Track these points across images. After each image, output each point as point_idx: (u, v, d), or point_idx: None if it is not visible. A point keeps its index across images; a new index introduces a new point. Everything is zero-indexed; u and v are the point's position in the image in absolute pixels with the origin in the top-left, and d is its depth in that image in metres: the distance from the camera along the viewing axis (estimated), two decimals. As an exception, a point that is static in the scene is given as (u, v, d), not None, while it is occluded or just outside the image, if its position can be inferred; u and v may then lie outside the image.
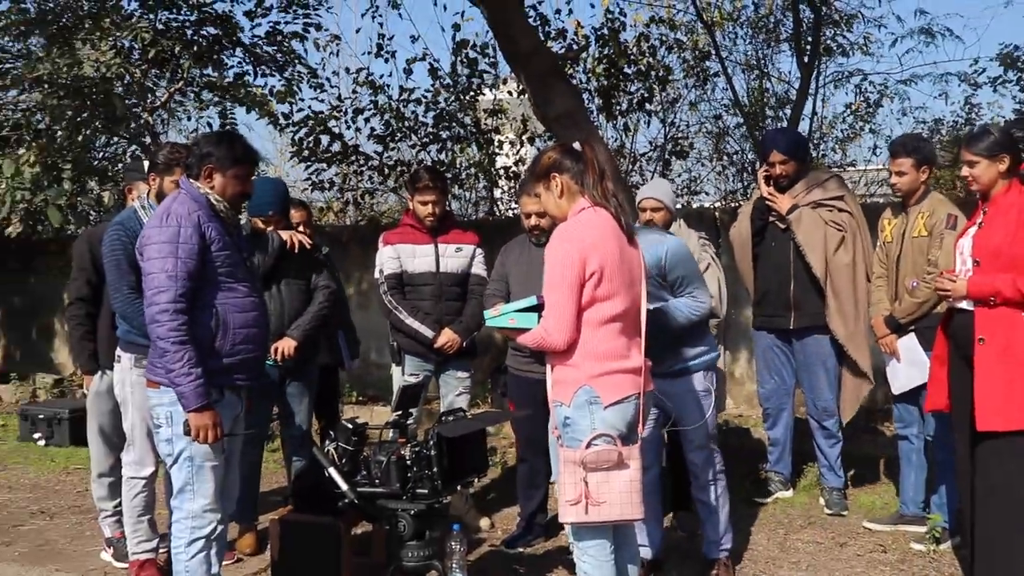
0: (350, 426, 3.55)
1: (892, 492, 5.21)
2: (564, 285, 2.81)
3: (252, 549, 4.41)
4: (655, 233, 3.86)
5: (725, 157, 9.76)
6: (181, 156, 3.85)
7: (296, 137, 8.49)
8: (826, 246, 4.77)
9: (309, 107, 8.56)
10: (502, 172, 9.07)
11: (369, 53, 8.70)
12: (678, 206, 4.98)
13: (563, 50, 8.03)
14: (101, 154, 8.64)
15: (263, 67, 8.46)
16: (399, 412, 3.53)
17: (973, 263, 3.62)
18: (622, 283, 2.88)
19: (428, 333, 4.52)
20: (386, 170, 8.74)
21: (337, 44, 8.88)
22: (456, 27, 8.36)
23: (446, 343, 4.51)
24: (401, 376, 4.63)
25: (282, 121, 8.48)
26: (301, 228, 4.89)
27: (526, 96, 8.79)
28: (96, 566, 4.34)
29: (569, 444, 2.88)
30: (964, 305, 3.65)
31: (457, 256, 4.67)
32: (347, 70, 8.74)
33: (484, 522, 4.77)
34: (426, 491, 3.32)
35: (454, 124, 8.77)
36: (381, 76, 8.81)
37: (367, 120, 8.70)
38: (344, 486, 3.40)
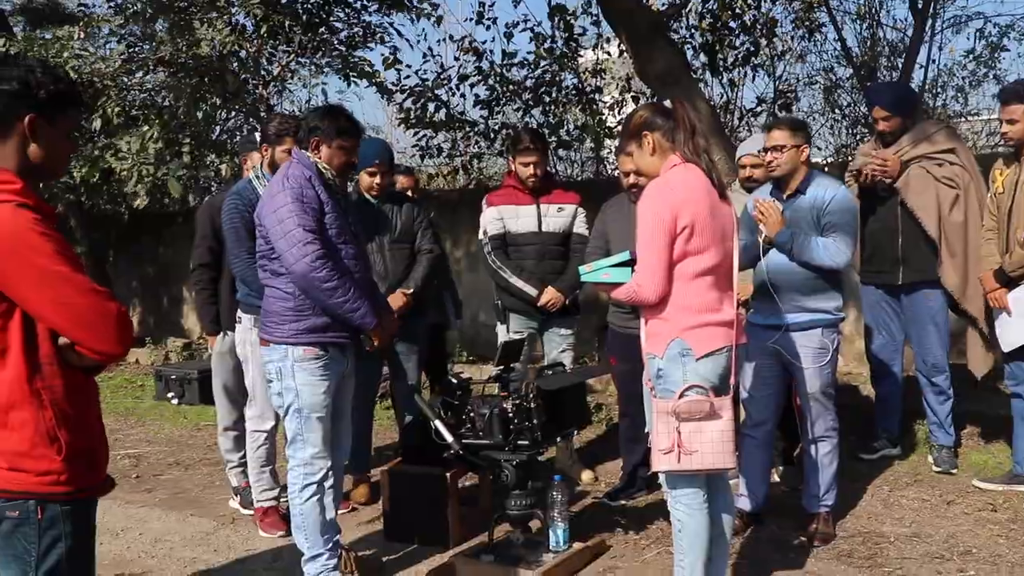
0: (454, 381, 3.72)
1: (1006, 452, 5.07)
2: (655, 240, 2.88)
3: (366, 499, 4.67)
4: (828, 179, 3.90)
5: (837, 111, 9.48)
6: (289, 126, 4.07)
7: (404, 105, 8.70)
8: (939, 207, 4.63)
9: (417, 74, 8.74)
10: (607, 132, 9.08)
11: (470, 20, 8.81)
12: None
13: (664, 6, 7.93)
14: (219, 128, 9.08)
15: (372, 34, 8.68)
16: (501, 367, 3.67)
17: None
18: (713, 237, 2.93)
19: (531, 291, 4.64)
20: (492, 134, 8.86)
21: (439, 11, 9.00)
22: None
23: (549, 301, 4.63)
24: (506, 334, 4.79)
25: (391, 89, 8.69)
26: (409, 193, 5.09)
27: (627, 55, 8.84)
28: (225, 512, 4.69)
29: (662, 395, 2.97)
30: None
31: (559, 216, 4.76)
32: (451, 37, 8.89)
33: (587, 475, 4.90)
34: (527, 442, 3.46)
35: (554, 88, 8.80)
36: (484, 42, 8.91)
37: (472, 86, 8.83)
38: (449, 438, 3.57)
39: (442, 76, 8.86)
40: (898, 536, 3.99)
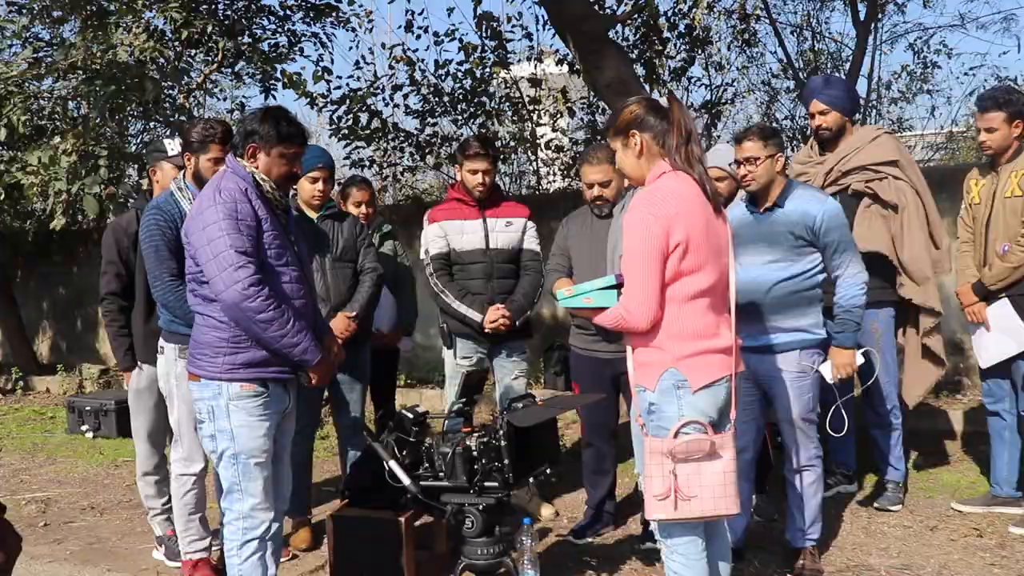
0: (410, 415, 3.33)
1: (974, 470, 4.91)
2: (645, 258, 2.55)
3: (307, 544, 4.23)
4: (812, 191, 3.64)
5: (775, 123, 9.40)
6: (214, 132, 3.65)
7: (334, 116, 8.29)
8: (889, 240, 4.27)
9: (347, 84, 8.34)
10: (542, 144, 8.80)
11: (400, 27, 8.47)
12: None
13: (612, 13, 7.69)
14: (137, 140, 8.50)
15: (297, 43, 8.26)
16: (463, 400, 3.30)
17: None
18: (709, 254, 2.61)
19: (476, 317, 4.27)
20: (427, 146, 8.50)
21: (371, 20, 8.63)
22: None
23: (494, 322, 4.26)
24: (453, 360, 4.42)
25: (319, 101, 8.26)
26: (363, 207, 4.69)
27: (563, 66, 8.60)
28: (148, 565, 4.18)
29: (655, 433, 2.64)
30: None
31: (508, 231, 4.41)
32: (383, 46, 8.52)
33: (548, 511, 4.55)
34: (496, 484, 3.09)
35: (486, 98, 8.50)
36: (415, 51, 8.58)
37: (405, 96, 8.47)
38: (406, 480, 3.18)
39: (375, 85, 8.49)
40: (888, 569, 3.73)
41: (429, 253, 4.40)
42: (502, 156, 8.83)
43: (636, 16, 7.46)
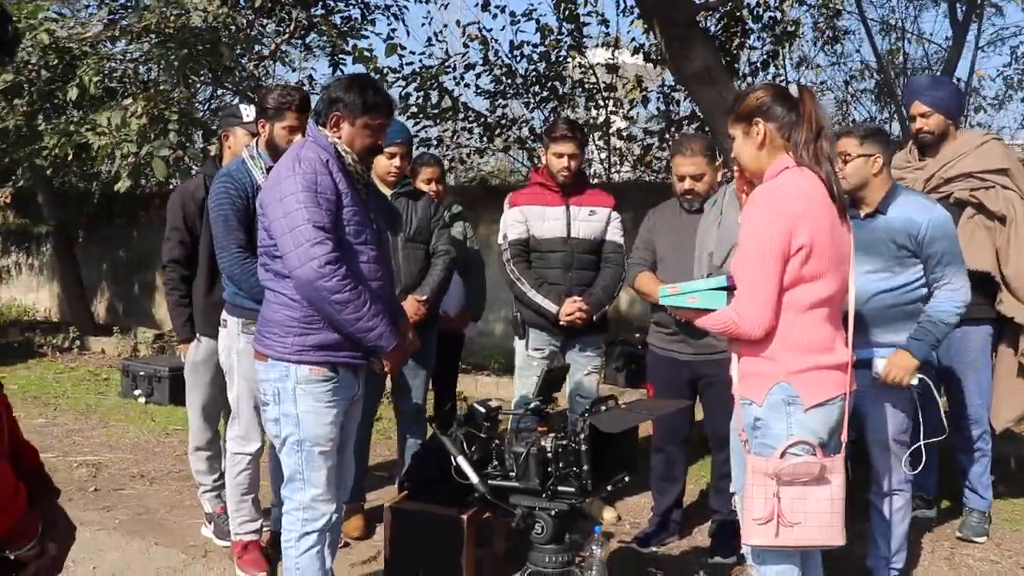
0: (482, 409, 3.14)
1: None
2: (764, 260, 2.33)
3: (360, 532, 4.09)
4: (920, 197, 3.38)
5: (852, 123, 9.05)
6: (292, 99, 3.49)
7: (403, 92, 8.14)
8: (993, 254, 3.97)
9: (419, 60, 8.18)
10: (614, 133, 8.57)
11: (477, 5, 8.27)
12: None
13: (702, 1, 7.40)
14: (206, 106, 8.44)
15: (371, 13, 8.12)
16: (540, 397, 3.10)
17: None
18: (832, 261, 2.39)
19: (552, 308, 4.07)
20: (496, 127, 8.32)
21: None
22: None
23: (571, 314, 4.06)
24: (525, 351, 4.24)
25: (390, 77, 8.12)
26: (434, 185, 4.53)
27: (638, 55, 8.35)
28: (196, 542, 4.07)
29: (759, 451, 2.42)
30: None
31: (591, 220, 4.20)
32: (457, 23, 8.34)
33: (609, 514, 4.35)
34: (572, 489, 2.89)
35: (559, 82, 8.28)
36: (490, 30, 8.37)
37: (478, 76, 8.29)
38: (475, 479, 2.99)
39: (446, 64, 8.32)
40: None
41: (508, 238, 4.22)
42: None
43: (723, 5, 7.17)
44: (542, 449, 2.96)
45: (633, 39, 8.36)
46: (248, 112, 3.84)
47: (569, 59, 8.19)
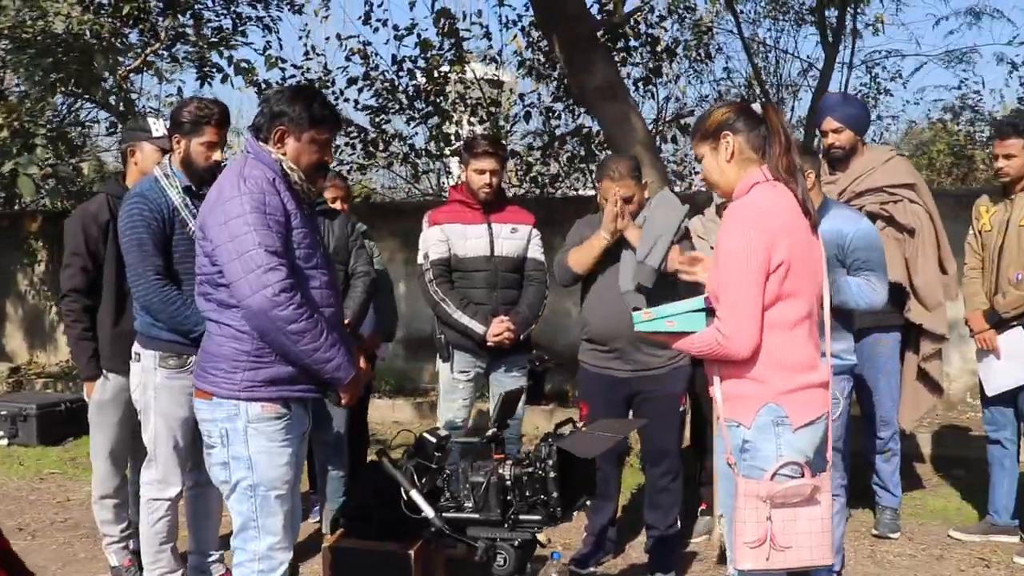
0: (432, 439, 2.99)
1: (957, 496, 4.90)
2: (747, 277, 2.30)
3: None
4: (850, 211, 3.50)
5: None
6: (212, 113, 3.25)
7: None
8: (903, 265, 4.17)
9: (302, 74, 7.90)
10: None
11: (359, 19, 8.07)
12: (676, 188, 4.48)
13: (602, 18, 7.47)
14: (65, 120, 7.82)
15: (244, 24, 7.78)
16: (497, 424, 2.98)
17: None
18: (808, 278, 2.40)
19: (479, 329, 3.97)
20: (379, 144, 8.13)
21: (328, 9, 8.22)
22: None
23: (499, 334, 3.96)
24: (450, 374, 4.11)
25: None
26: (338, 204, 4.32)
27: (522, 69, 8.38)
28: (103, 598, 3.73)
29: (749, 474, 2.39)
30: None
31: (513, 238, 4.12)
32: (338, 36, 8.09)
33: (539, 537, 4.25)
34: (537, 518, 2.79)
35: (441, 97, 8.18)
36: (370, 44, 8.18)
37: (360, 91, 8.07)
38: (431, 513, 2.85)
39: (326, 78, 8.07)
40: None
41: (429, 257, 4.08)
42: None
43: (625, 23, 7.25)
44: (501, 477, 2.85)
45: (516, 53, 8.37)
46: (157, 126, 3.55)
47: (451, 74, 8.10)
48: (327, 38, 8.22)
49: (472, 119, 8.47)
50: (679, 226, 3.68)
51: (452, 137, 8.27)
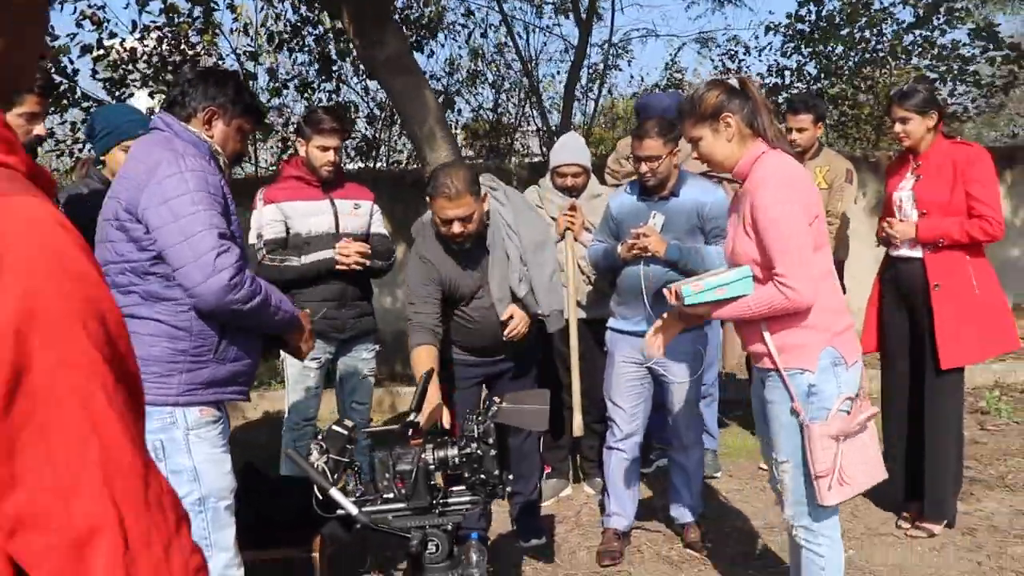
0: (344, 432, 2.82)
1: (738, 431, 5.43)
2: (800, 235, 2.48)
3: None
4: (701, 181, 3.70)
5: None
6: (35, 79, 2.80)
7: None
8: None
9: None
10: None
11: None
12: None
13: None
14: None
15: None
16: (416, 408, 2.87)
17: (919, 214, 3.76)
18: (824, 231, 2.65)
19: (329, 253, 3.76)
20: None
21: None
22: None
23: (348, 256, 3.77)
24: (300, 361, 3.87)
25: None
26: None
27: (274, 41, 7.96)
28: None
29: (817, 415, 2.55)
30: (907, 253, 3.80)
31: (357, 213, 3.97)
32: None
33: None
34: (469, 498, 2.74)
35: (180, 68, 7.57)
36: (103, 7, 7.34)
37: (96, 60, 7.23)
38: (354, 510, 2.70)
39: (58, 47, 7.14)
40: (761, 528, 4.02)
41: (263, 238, 3.81)
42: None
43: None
44: (426, 463, 2.77)
45: (264, 25, 7.91)
46: None
47: (201, 45, 7.51)
48: (58, 2, 7.26)
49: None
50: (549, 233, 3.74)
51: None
